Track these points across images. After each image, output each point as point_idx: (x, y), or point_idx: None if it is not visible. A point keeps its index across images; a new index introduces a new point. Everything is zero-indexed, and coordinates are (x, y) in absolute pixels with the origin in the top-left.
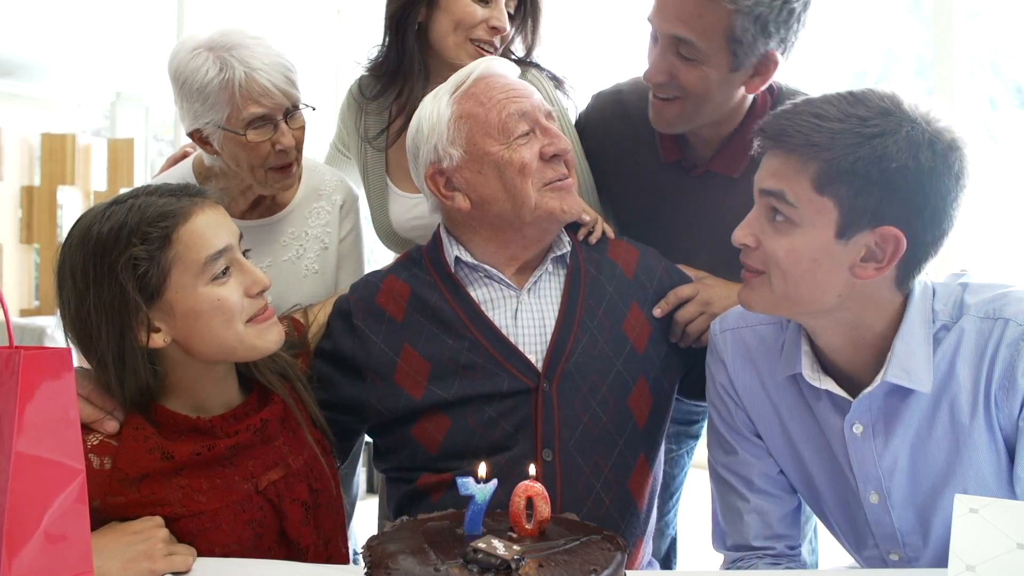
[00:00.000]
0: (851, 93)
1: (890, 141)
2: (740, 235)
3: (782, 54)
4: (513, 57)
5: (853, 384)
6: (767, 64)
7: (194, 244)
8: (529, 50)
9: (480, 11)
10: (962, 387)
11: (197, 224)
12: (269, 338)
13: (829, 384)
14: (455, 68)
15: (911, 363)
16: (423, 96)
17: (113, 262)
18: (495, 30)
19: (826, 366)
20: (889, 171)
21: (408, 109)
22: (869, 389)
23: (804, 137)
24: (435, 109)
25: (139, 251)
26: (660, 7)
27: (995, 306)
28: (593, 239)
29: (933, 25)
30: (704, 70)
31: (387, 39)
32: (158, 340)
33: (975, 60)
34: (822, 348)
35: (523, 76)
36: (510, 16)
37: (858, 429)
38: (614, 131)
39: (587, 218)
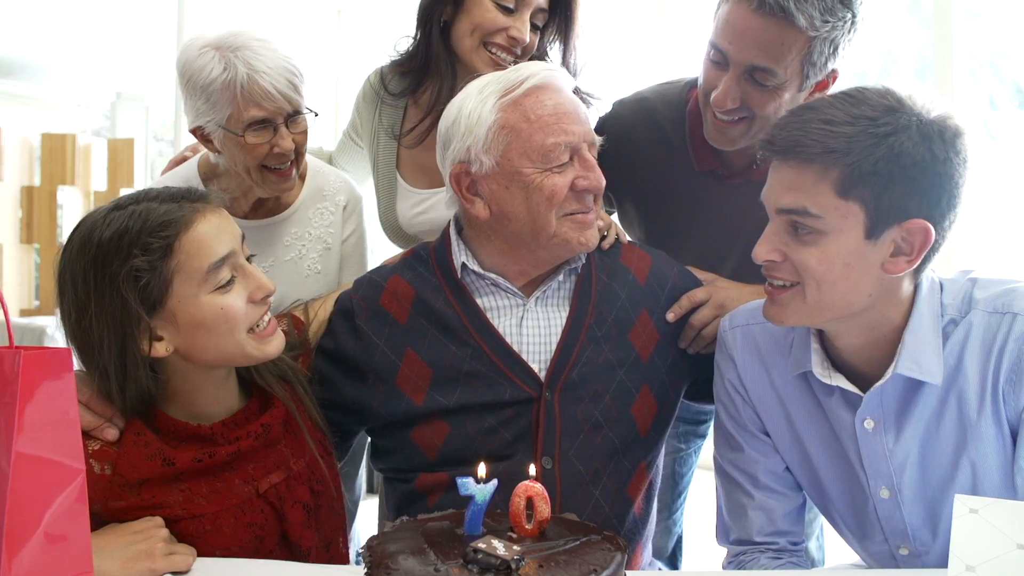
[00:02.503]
0: (847, 94)
1: (904, 137)
2: (764, 253)
3: (841, 64)
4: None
5: (864, 380)
6: (828, 80)
7: (196, 253)
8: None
9: (502, 19)
10: (970, 381)
11: (199, 232)
12: (269, 348)
13: (840, 380)
14: (476, 72)
15: (921, 355)
16: (450, 97)
17: (114, 273)
18: (514, 40)
19: (836, 362)
20: (909, 167)
21: (436, 110)
22: (880, 383)
23: (820, 145)
24: (478, 109)
25: (140, 262)
26: (737, 36)
27: (1004, 301)
28: (606, 244)
29: (933, 25)
30: (778, 94)
31: (417, 34)
32: (160, 349)
33: (975, 60)
34: (840, 348)
35: None
36: (536, 29)
37: (869, 424)
38: (641, 139)
39: (600, 223)
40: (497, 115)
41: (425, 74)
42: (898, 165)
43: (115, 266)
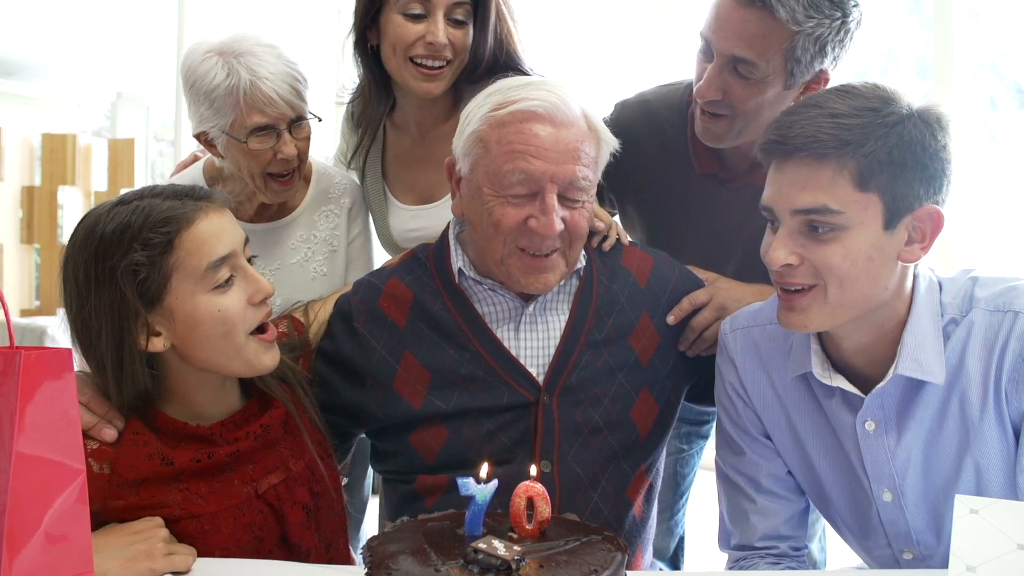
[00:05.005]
0: (839, 90)
1: (910, 125)
2: (781, 257)
3: (832, 71)
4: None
5: (864, 381)
6: (818, 82)
7: (196, 251)
8: (478, 59)
9: (413, 28)
10: (972, 380)
11: (200, 230)
12: (265, 360)
13: (840, 381)
14: (414, 90)
15: (921, 355)
16: (381, 119)
17: (114, 266)
18: (432, 45)
19: (836, 364)
20: (919, 153)
21: (369, 133)
22: (882, 384)
23: (835, 138)
24: (474, 112)
25: (140, 256)
26: (720, 25)
27: (1005, 299)
28: (607, 246)
29: (934, 25)
30: (760, 88)
31: (358, 65)
32: (158, 344)
33: (975, 60)
34: (844, 350)
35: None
36: (461, 24)
37: (870, 426)
38: (643, 141)
39: (601, 225)
40: (480, 126)
41: (366, 101)
42: (910, 152)
43: (115, 259)
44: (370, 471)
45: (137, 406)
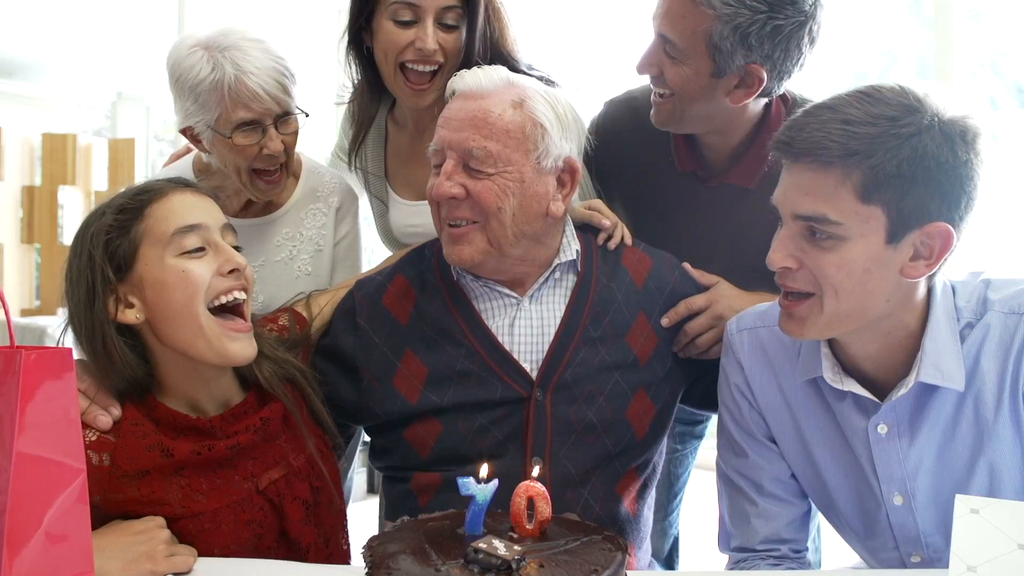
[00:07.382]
0: (864, 93)
1: (927, 138)
2: (779, 259)
3: (770, 71)
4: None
5: (876, 385)
6: (750, 78)
7: (164, 218)
8: (469, 62)
9: (404, 34)
10: (987, 383)
11: (172, 201)
12: (231, 347)
13: (853, 386)
14: (404, 102)
15: (942, 361)
16: (380, 120)
17: (87, 232)
18: (421, 52)
19: (847, 367)
20: (932, 168)
21: (365, 126)
22: (903, 392)
23: (842, 147)
24: None
25: (111, 219)
26: (657, 5)
27: (1019, 301)
28: (612, 244)
29: (934, 25)
30: (684, 70)
31: (352, 65)
32: (129, 316)
33: (976, 60)
34: (853, 356)
35: None
36: (452, 28)
37: (883, 429)
38: (628, 139)
39: (607, 223)
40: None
41: (360, 103)
42: (922, 167)
43: (90, 228)
44: (352, 470)
45: (134, 394)
